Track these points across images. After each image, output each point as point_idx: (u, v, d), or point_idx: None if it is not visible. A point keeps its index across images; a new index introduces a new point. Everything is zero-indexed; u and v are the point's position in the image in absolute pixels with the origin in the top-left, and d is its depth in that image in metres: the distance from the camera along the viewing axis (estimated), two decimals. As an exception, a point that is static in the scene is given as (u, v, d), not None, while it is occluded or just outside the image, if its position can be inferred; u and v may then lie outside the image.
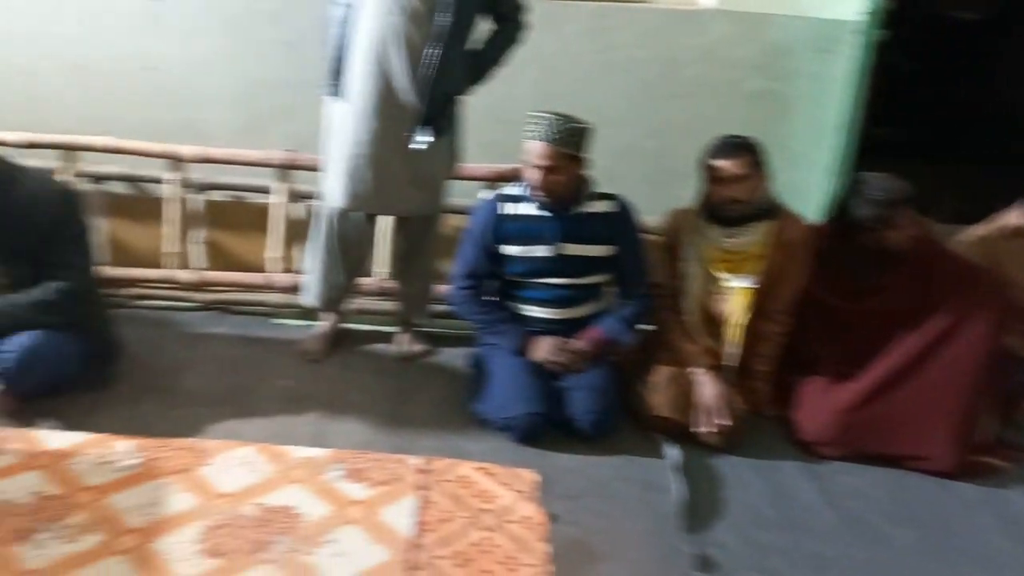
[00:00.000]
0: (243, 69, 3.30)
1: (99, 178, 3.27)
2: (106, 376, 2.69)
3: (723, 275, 2.66)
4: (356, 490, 2.28)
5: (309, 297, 2.97)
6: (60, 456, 2.31)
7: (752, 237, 2.63)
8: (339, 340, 3.09)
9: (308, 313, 3.13)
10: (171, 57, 3.27)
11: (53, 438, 2.39)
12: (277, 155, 3.15)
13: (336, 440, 2.51)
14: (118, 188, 3.36)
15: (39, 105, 3.26)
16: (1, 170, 2.45)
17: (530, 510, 2.25)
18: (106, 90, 3.29)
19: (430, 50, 2.48)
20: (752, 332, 2.68)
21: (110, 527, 2.06)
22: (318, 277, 2.90)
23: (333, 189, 2.71)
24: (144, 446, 2.38)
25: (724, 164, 2.56)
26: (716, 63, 3.37)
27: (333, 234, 2.80)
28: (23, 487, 2.18)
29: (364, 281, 3.18)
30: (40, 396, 2.51)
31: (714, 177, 2.59)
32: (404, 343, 3.07)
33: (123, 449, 2.36)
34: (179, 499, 2.18)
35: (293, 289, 3.12)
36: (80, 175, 3.18)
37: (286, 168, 3.17)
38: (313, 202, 2.96)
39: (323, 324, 3.07)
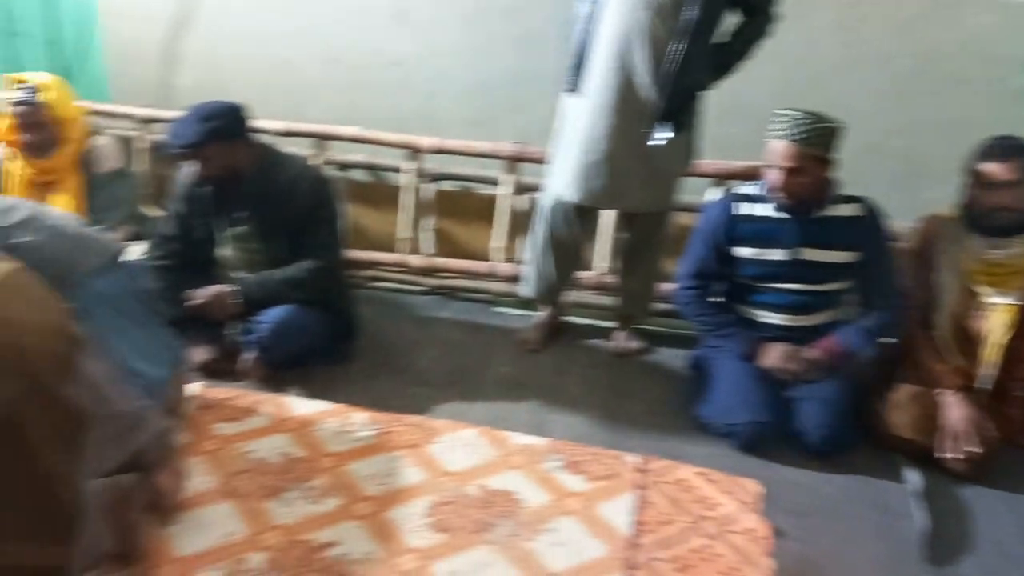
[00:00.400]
0: (477, 63, 3.41)
1: (344, 166, 3.50)
2: (346, 351, 2.88)
3: (983, 290, 2.42)
4: (574, 482, 2.29)
5: (527, 288, 3.03)
6: (305, 422, 2.50)
7: (1020, 249, 2.38)
8: (557, 332, 3.13)
9: (527, 303, 3.19)
10: (414, 52, 3.44)
11: (300, 405, 2.59)
12: (506, 147, 3.22)
13: (553, 430, 2.54)
14: (359, 176, 3.58)
15: (297, 96, 3.54)
16: (267, 156, 2.68)
17: (754, 522, 2.16)
18: (355, 83, 3.51)
19: (674, 45, 2.43)
20: (1012, 353, 2.42)
21: (349, 492, 2.20)
22: (535, 270, 2.94)
23: (561, 183, 2.73)
24: (379, 419, 2.52)
25: (994, 168, 2.32)
26: (977, 57, 3.07)
27: (552, 228, 2.83)
28: (273, 448, 2.37)
29: (583, 275, 3.20)
30: (289, 365, 2.72)
31: (981, 182, 2.36)
32: (622, 339, 3.05)
33: (360, 420, 2.51)
34: (410, 473, 2.29)
35: (514, 279, 3.19)
36: (328, 162, 3.42)
37: (514, 160, 3.24)
38: (538, 195, 3.00)
39: (541, 315, 3.12)
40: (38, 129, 2.82)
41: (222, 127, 2.54)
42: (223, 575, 1.90)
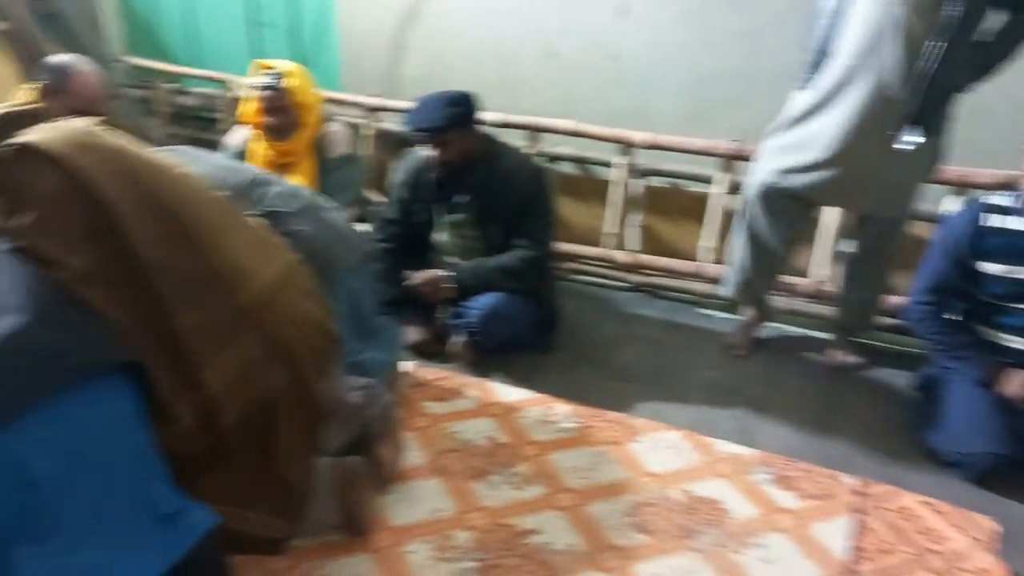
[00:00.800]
0: (697, 58, 3.33)
1: (553, 158, 3.53)
2: (548, 341, 2.90)
3: None
4: (785, 498, 2.18)
5: (726, 287, 2.92)
6: (509, 408, 2.54)
7: None
8: (766, 338, 3.00)
9: (734, 306, 3.08)
10: (632, 46, 3.41)
11: (504, 391, 2.64)
12: (723, 145, 3.12)
13: (761, 440, 2.44)
14: (567, 168, 3.60)
15: (513, 88, 3.60)
16: (489, 147, 2.75)
17: (989, 562, 1.96)
18: (571, 76, 3.53)
19: (932, 43, 2.24)
20: None
21: (551, 482, 2.21)
22: (736, 267, 2.83)
23: (772, 171, 2.58)
24: (580, 412, 2.52)
25: None
26: None
27: (755, 219, 2.70)
28: (479, 431, 2.43)
29: (799, 281, 3.05)
30: (494, 351, 2.78)
31: None
32: (838, 353, 2.88)
33: (562, 412, 2.52)
34: (611, 469, 2.27)
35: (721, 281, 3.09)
36: (538, 154, 3.46)
37: (730, 158, 3.13)
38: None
39: (747, 319, 3.00)
40: (281, 113, 3.02)
41: (463, 114, 2.63)
42: (432, 549, 1.96)
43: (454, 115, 2.60)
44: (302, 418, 1.79)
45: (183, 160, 1.85)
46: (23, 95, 2.72)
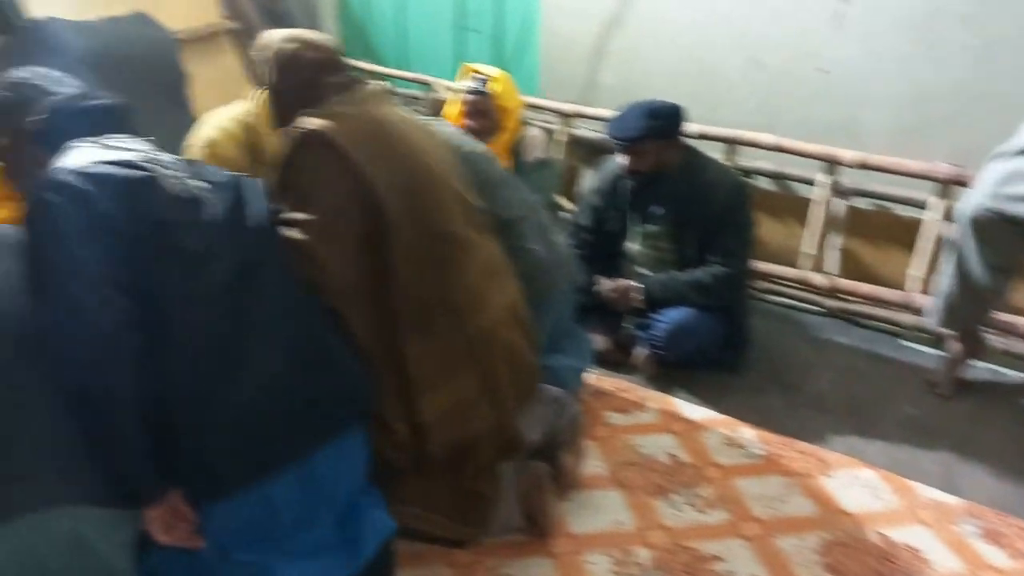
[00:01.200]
0: (918, 73, 3.11)
1: (751, 172, 3.42)
2: (735, 361, 2.82)
3: None
4: (995, 555, 2.01)
5: (932, 317, 2.70)
6: (693, 427, 2.49)
7: None
8: (975, 379, 2.77)
9: (939, 342, 2.86)
10: (846, 59, 3.23)
11: (687, 408, 2.58)
12: (942, 168, 2.91)
13: (967, 489, 2.25)
14: (764, 184, 3.48)
15: (713, 99, 3.51)
16: (691, 157, 2.70)
17: None
18: (776, 88, 3.40)
19: None
20: None
21: (736, 509, 2.14)
22: (943, 295, 2.61)
23: (992, 193, 2.37)
24: (768, 439, 2.43)
25: None
26: None
27: (967, 246, 2.48)
28: (660, 446, 2.39)
29: (1018, 321, 2.79)
30: (679, 366, 2.73)
31: None
32: (1061, 401, 2.62)
33: (749, 437, 2.44)
34: (801, 502, 2.17)
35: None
36: (736, 168, 3.35)
37: (948, 183, 2.91)
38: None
39: (953, 355, 2.77)
40: (484, 116, 3.10)
41: (662, 126, 2.60)
42: (612, 562, 1.95)
43: (651, 127, 2.59)
44: (499, 450, 1.85)
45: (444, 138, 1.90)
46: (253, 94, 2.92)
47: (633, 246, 2.83)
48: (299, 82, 1.82)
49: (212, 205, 1.56)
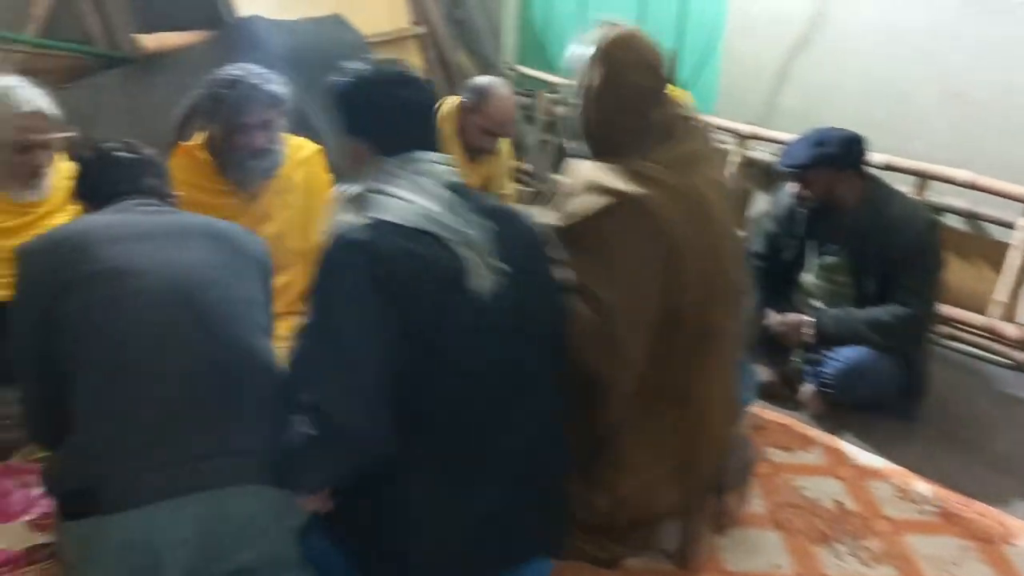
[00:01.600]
0: None
1: (940, 210, 3.21)
2: (911, 409, 2.65)
3: None
4: None
5: None
6: (861, 473, 2.36)
7: None
8: None
9: None
10: (1060, 94, 3.00)
11: (855, 453, 2.46)
12: None
13: None
14: (954, 222, 3.26)
15: (903, 129, 3.33)
16: (876, 190, 2.57)
17: None
18: (975, 122, 3.18)
19: None
20: None
21: (904, 567, 2.01)
22: None
23: None
24: (943, 496, 2.27)
25: None
26: None
27: None
28: (825, 491, 2.28)
29: None
30: (849, 408, 2.60)
31: None
32: None
33: (922, 491, 2.29)
34: (977, 568, 2.02)
35: None
36: (924, 204, 3.16)
37: None
38: None
39: None
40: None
41: (832, 155, 2.50)
42: (767, 605, 1.89)
43: (821, 155, 2.49)
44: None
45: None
46: (445, 106, 2.98)
47: (808, 277, 2.72)
48: (620, 107, 1.59)
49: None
